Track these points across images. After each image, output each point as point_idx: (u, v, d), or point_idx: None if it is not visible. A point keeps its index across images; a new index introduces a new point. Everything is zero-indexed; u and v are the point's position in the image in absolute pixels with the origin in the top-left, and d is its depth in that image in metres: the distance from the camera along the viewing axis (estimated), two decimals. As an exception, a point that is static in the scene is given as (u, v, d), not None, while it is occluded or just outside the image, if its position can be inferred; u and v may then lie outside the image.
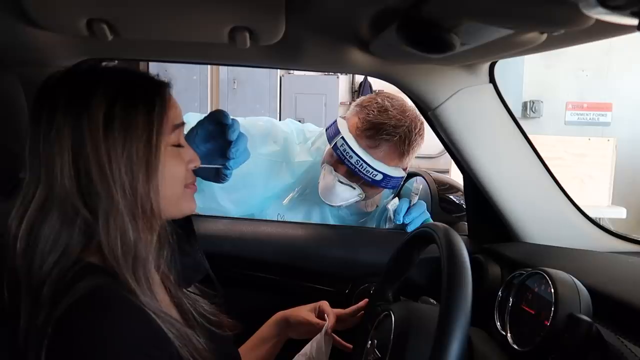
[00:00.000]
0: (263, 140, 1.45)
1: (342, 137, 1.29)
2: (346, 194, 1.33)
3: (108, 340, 0.61)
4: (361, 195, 1.35)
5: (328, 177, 1.33)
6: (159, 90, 0.73)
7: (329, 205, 1.38)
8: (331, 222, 1.47)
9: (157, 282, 0.77)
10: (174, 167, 0.75)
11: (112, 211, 0.67)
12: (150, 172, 0.69)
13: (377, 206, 1.50)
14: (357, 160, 1.27)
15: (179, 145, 0.77)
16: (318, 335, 0.99)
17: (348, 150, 1.28)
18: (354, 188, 1.33)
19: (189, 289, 0.87)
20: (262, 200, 1.44)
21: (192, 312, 0.81)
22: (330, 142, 1.33)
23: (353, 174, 1.31)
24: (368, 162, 1.27)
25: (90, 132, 0.67)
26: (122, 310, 0.64)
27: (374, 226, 1.49)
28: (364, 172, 1.28)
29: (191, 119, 1.29)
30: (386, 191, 1.50)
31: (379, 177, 1.29)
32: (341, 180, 1.32)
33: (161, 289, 0.78)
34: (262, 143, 1.44)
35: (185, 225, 0.85)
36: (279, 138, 1.46)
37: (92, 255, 0.69)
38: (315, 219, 1.46)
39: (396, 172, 1.31)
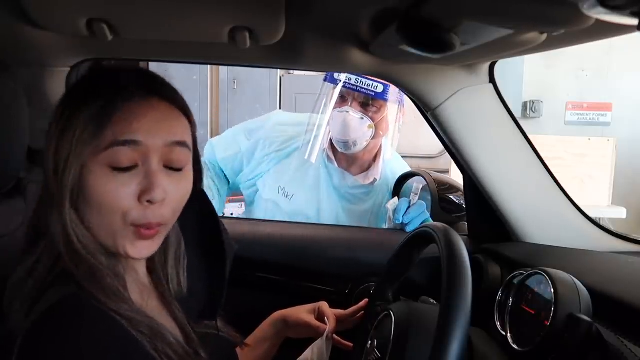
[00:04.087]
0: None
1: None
2: (358, 124, 1.44)
3: (72, 354, 0.57)
4: (371, 127, 1.45)
5: (338, 116, 1.45)
6: (111, 93, 0.63)
7: (344, 147, 1.47)
8: (333, 194, 1.53)
9: (145, 285, 0.73)
10: (108, 194, 0.62)
11: (61, 221, 0.63)
12: (88, 192, 0.62)
13: (375, 179, 1.54)
14: (357, 79, 1.42)
15: (124, 169, 0.62)
16: (319, 341, 0.98)
17: (348, 75, 1.42)
18: (363, 118, 1.44)
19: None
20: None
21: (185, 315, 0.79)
22: (331, 82, 1.48)
23: (358, 104, 1.44)
24: (366, 76, 1.41)
25: (51, 127, 0.65)
26: (88, 322, 0.60)
27: (375, 202, 1.53)
28: (366, 87, 1.42)
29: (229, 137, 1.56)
30: (388, 192, 1.52)
31: (380, 88, 1.42)
32: (350, 111, 1.44)
33: (151, 293, 0.74)
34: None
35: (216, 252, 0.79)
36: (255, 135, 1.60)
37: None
38: (318, 193, 1.53)
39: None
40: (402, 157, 1.64)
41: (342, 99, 1.46)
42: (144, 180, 0.63)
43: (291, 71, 4.60)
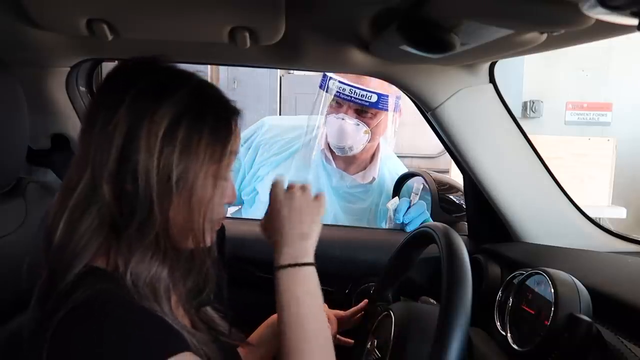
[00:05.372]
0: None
1: (331, 78, 1.44)
2: (353, 129, 1.44)
3: (107, 349, 0.57)
4: (367, 132, 1.45)
5: (334, 122, 1.45)
6: (231, 116, 0.69)
7: (341, 151, 1.48)
8: (332, 194, 1.52)
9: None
10: (211, 201, 0.68)
11: (146, 230, 0.63)
12: (197, 198, 0.65)
13: (373, 178, 1.54)
14: (350, 89, 1.41)
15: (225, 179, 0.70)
16: None
17: (340, 85, 1.42)
18: (358, 124, 1.44)
19: None
20: None
21: (200, 319, 0.78)
22: (326, 90, 1.47)
23: (353, 112, 1.43)
24: (360, 87, 1.41)
25: (148, 137, 0.61)
26: (124, 317, 0.60)
27: (373, 201, 1.54)
28: (360, 97, 1.41)
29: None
30: (386, 190, 1.53)
31: (374, 97, 1.40)
32: (345, 118, 1.44)
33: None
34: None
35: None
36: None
37: (98, 259, 0.65)
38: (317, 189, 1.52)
39: (387, 92, 1.41)
40: (402, 157, 1.65)
41: (338, 105, 1.46)
42: (231, 186, 0.73)
43: (291, 71, 4.61)
